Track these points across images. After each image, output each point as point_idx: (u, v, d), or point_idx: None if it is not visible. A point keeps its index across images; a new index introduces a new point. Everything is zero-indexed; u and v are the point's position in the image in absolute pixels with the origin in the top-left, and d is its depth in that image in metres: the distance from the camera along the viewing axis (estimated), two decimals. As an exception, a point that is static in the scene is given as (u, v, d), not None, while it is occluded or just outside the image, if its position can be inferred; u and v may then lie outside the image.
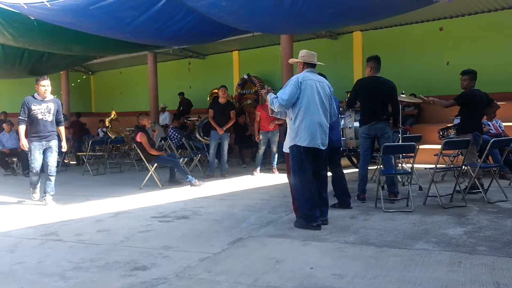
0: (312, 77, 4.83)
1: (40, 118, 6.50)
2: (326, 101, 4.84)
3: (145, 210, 5.98)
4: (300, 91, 4.70)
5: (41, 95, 6.56)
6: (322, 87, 4.84)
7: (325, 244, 4.12)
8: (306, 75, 4.83)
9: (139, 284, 3.26)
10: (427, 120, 11.18)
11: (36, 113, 6.48)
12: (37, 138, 6.49)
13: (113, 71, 19.16)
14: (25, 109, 6.49)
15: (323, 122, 4.77)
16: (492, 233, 4.30)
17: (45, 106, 6.56)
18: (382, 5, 6.96)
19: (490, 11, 10.96)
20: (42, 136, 6.52)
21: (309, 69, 4.93)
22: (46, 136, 6.54)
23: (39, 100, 6.57)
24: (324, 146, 4.79)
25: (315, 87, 4.77)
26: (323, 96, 4.81)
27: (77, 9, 6.95)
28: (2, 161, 10.73)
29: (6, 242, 4.56)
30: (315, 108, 4.73)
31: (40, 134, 6.50)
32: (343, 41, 13.39)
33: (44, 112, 6.55)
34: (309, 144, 4.68)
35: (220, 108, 9.01)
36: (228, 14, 7.47)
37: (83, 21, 7.65)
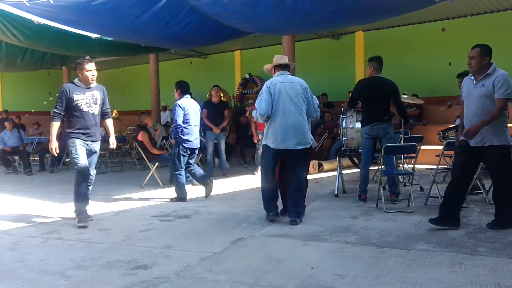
0: (281, 80, 4.95)
1: (85, 110, 5.20)
2: (299, 100, 4.91)
3: (146, 209, 5.98)
4: (271, 95, 4.87)
5: (86, 83, 5.24)
6: (292, 87, 4.92)
7: (326, 244, 4.12)
8: (274, 79, 5.00)
9: (140, 283, 3.27)
10: (429, 120, 11.17)
11: (80, 104, 5.17)
12: (81, 136, 5.18)
13: (115, 70, 19.15)
14: (63, 100, 5.12)
15: (297, 122, 4.85)
16: (493, 234, 4.29)
17: (90, 95, 5.25)
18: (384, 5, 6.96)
19: (492, 12, 10.94)
20: (88, 134, 5.22)
21: (280, 72, 5.06)
22: (92, 134, 5.27)
23: (83, 88, 5.22)
24: (301, 145, 4.87)
25: (284, 89, 4.88)
26: (293, 96, 4.88)
27: (80, 5, 6.96)
28: (3, 159, 10.75)
29: (7, 240, 4.56)
30: (285, 110, 4.84)
31: (86, 131, 5.21)
32: (345, 42, 13.38)
33: (90, 103, 5.24)
34: (277, 146, 4.88)
35: (213, 108, 9.05)
36: (229, 13, 7.47)
37: (86, 18, 7.65)
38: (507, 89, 4.27)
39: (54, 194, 7.37)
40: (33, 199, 6.98)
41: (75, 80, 5.27)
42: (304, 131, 4.89)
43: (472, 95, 4.46)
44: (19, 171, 10.73)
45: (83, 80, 5.23)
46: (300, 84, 4.98)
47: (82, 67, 5.19)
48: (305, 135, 4.91)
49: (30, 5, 6.93)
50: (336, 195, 6.40)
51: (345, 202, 6.00)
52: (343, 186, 6.74)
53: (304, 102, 4.95)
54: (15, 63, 11.72)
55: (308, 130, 5.02)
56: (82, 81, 5.24)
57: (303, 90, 4.96)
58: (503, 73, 4.36)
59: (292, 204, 4.97)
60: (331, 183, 7.45)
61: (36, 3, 6.84)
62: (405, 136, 6.87)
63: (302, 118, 4.90)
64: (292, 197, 4.98)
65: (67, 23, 8.09)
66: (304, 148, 4.92)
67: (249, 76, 14.14)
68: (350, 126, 6.44)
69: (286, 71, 5.08)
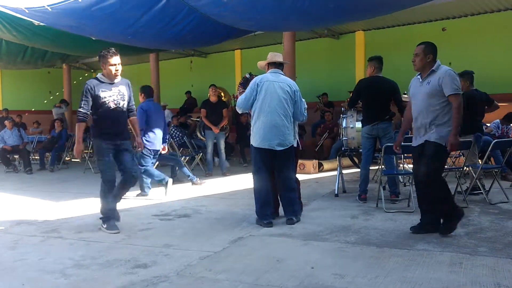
0: (272, 78, 4.92)
1: (113, 108, 4.72)
2: (287, 101, 4.89)
3: (146, 208, 5.98)
4: (257, 93, 4.86)
5: (110, 77, 4.73)
6: (281, 87, 4.90)
7: (326, 244, 4.12)
8: (265, 76, 4.98)
9: (140, 282, 3.27)
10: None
11: (107, 101, 4.67)
12: (109, 137, 4.72)
13: (115, 69, 19.16)
14: (89, 98, 4.63)
15: (280, 123, 4.84)
16: (493, 234, 4.30)
17: (117, 91, 4.76)
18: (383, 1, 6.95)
19: (493, 12, 10.93)
20: (116, 133, 4.77)
21: (273, 70, 5.04)
22: (120, 133, 4.82)
23: (108, 84, 4.73)
24: (281, 146, 4.85)
25: (272, 88, 4.86)
26: (281, 97, 4.86)
27: (79, 11, 6.93)
28: (3, 158, 10.75)
29: (7, 239, 4.56)
30: (270, 109, 4.83)
31: (114, 130, 4.75)
32: (345, 41, 13.37)
33: (118, 100, 4.75)
34: (259, 145, 4.88)
35: (211, 107, 9.05)
36: (229, 13, 7.46)
37: (85, 23, 7.64)
38: (456, 84, 4.16)
39: (54, 193, 7.37)
40: (33, 198, 6.98)
41: (98, 76, 4.77)
42: (285, 132, 4.87)
43: (418, 94, 4.35)
44: (19, 170, 10.73)
45: (106, 75, 4.73)
46: (289, 86, 4.94)
47: (105, 61, 4.67)
48: (286, 137, 4.88)
49: (28, 12, 6.93)
50: (336, 195, 6.40)
51: (345, 202, 6.00)
52: (343, 185, 6.74)
53: (291, 104, 4.93)
54: (16, 61, 11.75)
55: (291, 132, 4.97)
56: (106, 76, 4.74)
57: (291, 92, 4.93)
58: (447, 69, 4.24)
59: (287, 203, 4.96)
60: (331, 182, 7.45)
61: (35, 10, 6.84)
62: (405, 136, 6.86)
63: (286, 120, 4.88)
64: (285, 197, 4.97)
65: (67, 28, 8.09)
66: (286, 149, 4.91)
67: (249, 75, 14.02)
68: (350, 125, 6.44)
69: (280, 70, 5.06)
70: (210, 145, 9.03)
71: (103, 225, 4.76)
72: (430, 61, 4.31)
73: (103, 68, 4.72)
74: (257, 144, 4.89)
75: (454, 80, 4.17)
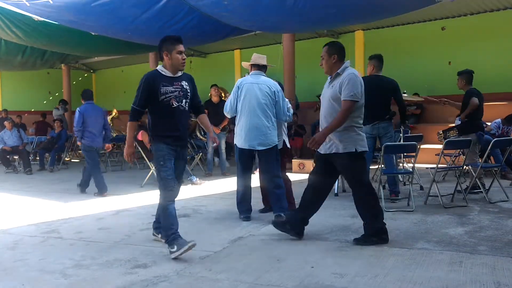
0: (252, 80, 5.04)
1: (175, 106, 3.92)
2: (267, 102, 4.97)
3: (146, 208, 5.98)
4: (238, 95, 5.00)
5: (175, 69, 3.95)
6: (261, 89, 4.99)
7: (326, 243, 4.12)
8: (245, 78, 5.12)
9: (140, 282, 3.27)
10: (429, 120, 11.17)
11: (169, 98, 3.89)
12: (170, 140, 3.94)
13: (115, 69, 19.15)
14: (145, 93, 3.90)
15: (260, 124, 4.93)
16: (493, 233, 4.30)
17: (179, 87, 3.95)
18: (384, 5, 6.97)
19: (492, 11, 10.93)
20: (177, 137, 3.98)
21: (254, 72, 5.15)
22: (182, 138, 4.05)
23: (170, 78, 3.94)
24: (262, 146, 4.97)
25: (252, 89, 4.96)
26: (261, 98, 4.95)
27: (79, 6, 6.97)
28: (3, 158, 10.75)
29: (7, 239, 4.57)
30: (250, 110, 4.94)
31: (175, 133, 3.97)
32: (345, 40, 13.35)
33: (180, 97, 3.95)
34: (241, 145, 5.03)
35: (213, 108, 9.04)
36: (230, 14, 7.48)
37: (85, 19, 7.66)
38: (352, 90, 3.90)
39: (54, 193, 7.37)
40: (33, 198, 6.98)
41: (158, 68, 4.00)
42: (266, 132, 4.95)
43: (324, 97, 4.19)
44: (19, 170, 10.72)
45: (171, 66, 3.93)
46: (269, 87, 5.03)
47: (170, 48, 3.91)
48: (267, 136, 4.97)
49: (30, 5, 6.94)
50: (336, 194, 6.40)
51: (345, 201, 5.99)
52: (343, 185, 6.73)
53: (272, 105, 5.02)
54: (15, 61, 11.74)
55: (273, 131, 5.02)
56: (170, 67, 3.94)
57: (271, 93, 5.02)
58: (350, 73, 4.00)
59: (274, 200, 5.05)
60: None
61: (36, 3, 6.85)
62: (405, 135, 6.87)
63: (266, 120, 4.96)
64: (272, 194, 5.07)
65: (67, 22, 8.11)
66: (269, 149, 4.99)
67: (248, 75, 14.13)
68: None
69: (262, 72, 5.16)
70: (211, 145, 9.03)
71: (172, 249, 3.76)
72: (336, 62, 4.14)
73: (166, 57, 3.92)
74: (239, 145, 5.06)
75: (354, 85, 3.93)
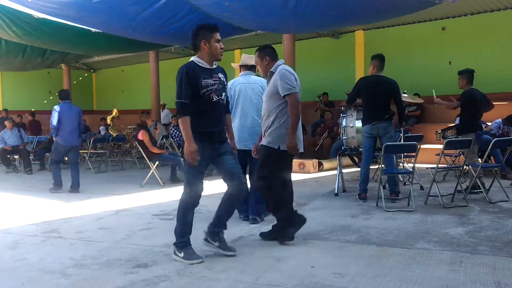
0: (242, 81, 5.03)
1: (215, 100, 3.68)
2: (259, 101, 4.95)
3: (146, 208, 5.99)
4: (230, 96, 4.95)
5: (212, 60, 3.73)
6: (252, 88, 4.99)
7: (326, 243, 4.12)
8: (236, 80, 5.11)
9: (140, 282, 3.27)
10: (429, 120, 11.17)
11: (210, 91, 3.64)
12: (208, 137, 3.68)
13: (115, 69, 19.16)
14: (188, 86, 3.56)
15: (254, 123, 4.92)
16: (493, 233, 4.30)
17: (218, 79, 3.72)
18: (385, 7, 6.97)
19: (493, 11, 10.94)
20: (216, 134, 3.73)
21: (244, 72, 5.12)
22: (220, 132, 3.81)
23: (208, 70, 3.70)
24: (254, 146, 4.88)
25: (244, 90, 4.97)
26: (253, 98, 4.95)
27: (80, 2, 6.98)
28: (4, 158, 10.75)
29: (7, 239, 4.57)
30: (243, 111, 4.94)
31: (214, 129, 3.71)
32: (345, 40, 13.37)
33: (220, 90, 3.72)
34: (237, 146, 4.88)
35: None
36: (231, 14, 7.49)
37: (87, 15, 7.68)
38: (288, 84, 3.98)
39: (54, 193, 7.37)
40: (33, 197, 6.98)
41: (194, 59, 3.70)
42: (259, 131, 4.79)
43: (265, 96, 4.28)
44: (20, 170, 10.73)
45: (209, 55, 3.67)
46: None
47: (209, 36, 3.64)
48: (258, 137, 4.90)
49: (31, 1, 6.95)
50: (336, 194, 6.40)
51: (345, 201, 6.00)
52: (343, 185, 6.74)
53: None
54: (15, 60, 11.72)
55: None
56: (207, 57, 3.68)
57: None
58: (280, 69, 4.08)
59: (252, 202, 4.97)
60: (331, 182, 7.45)
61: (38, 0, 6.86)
62: (405, 135, 6.88)
63: (260, 119, 4.86)
64: (252, 196, 4.91)
65: (68, 19, 8.12)
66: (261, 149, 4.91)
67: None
68: (350, 125, 6.43)
69: (252, 72, 5.14)
70: None
71: (179, 254, 3.69)
72: (268, 63, 4.21)
73: (204, 45, 3.64)
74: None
75: (285, 79, 3.99)
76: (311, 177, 8.39)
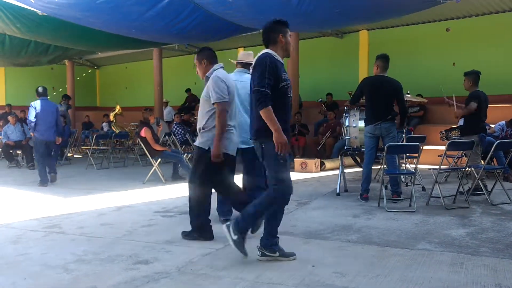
0: (235, 78, 4.99)
1: (289, 96, 3.62)
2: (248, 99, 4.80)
3: (148, 204, 6.00)
4: None
5: (287, 51, 3.66)
6: (244, 87, 4.92)
7: (327, 242, 4.13)
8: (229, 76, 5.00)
9: (141, 278, 3.28)
10: (432, 121, 11.15)
11: (287, 86, 3.56)
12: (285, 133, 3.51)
13: (119, 65, 19.19)
14: (271, 76, 3.42)
15: (243, 121, 4.86)
16: (495, 235, 4.29)
17: (287, 75, 3.64)
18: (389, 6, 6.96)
19: (498, 13, 10.92)
20: (287, 131, 3.60)
21: (238, 70, 5.15)
22: (288, 131, 3.71)
23: (282, 64, 3.60)
24: (245, 144, 4.79)
25: (235, 88, 4.86)
26: (243, 95, 4.91)
27: (83, 3, 6.99)
28: (6, 153, 10.79)
29: (9, 233, 4.58)
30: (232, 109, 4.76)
31: (287, 126, 3.63)
32: (349, 40, 13.36)
33: (291, 86, 3.66)
34: None
35: None
36: (234, 12, 7.49)
37: (89, 15, 7.69)
38: (217, 93, 4.04)
39: (56, 188, 7.39)
40: (36, 193, 7.00)
41: (270, 52, 3.56)
42: (247, 129, 4.73)
43: (201, 99, 4.31)
44: (22, 165, 10.76)
45: (284, 50, 3.61)
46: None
47: (285, 30, 3.61)
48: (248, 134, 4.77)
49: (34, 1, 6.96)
50: (338, 194, 6.40)
51: (346, 201, 6.00)
52: (345, 185, 6.74)
53: None
54: (19, 56, 11.74)
55: None
56: (282, 51, 3.61)
57: None
58: (213, 75, 4.15)
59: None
60: (333, 181, 7.45)
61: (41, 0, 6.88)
62: (408, 136, 6.86)
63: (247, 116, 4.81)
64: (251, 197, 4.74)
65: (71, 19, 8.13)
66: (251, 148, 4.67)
67: (252, 73, 14.09)
68: (353, 125, 6.43)
69: (246, 69, 5.13)
70: None
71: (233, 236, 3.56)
72: (206, 66, 4.29)
73: (282, 39, 3.58)
74: None
75: (215, 87, 4.05)
76: (313, 177, 8.39)
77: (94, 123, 15.91)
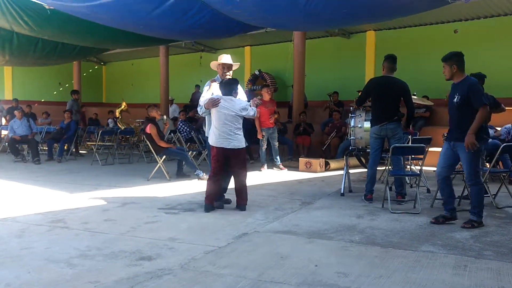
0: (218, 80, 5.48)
1: None
2: None
3: (152, 201, 6.01)
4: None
5: None
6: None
7: (331, 242, 4.12)
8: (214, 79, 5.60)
9: (144, 274, 3.29)
10: (437, 123, 11.09)
11: None
12: None
13: (125, 62, 19.24)
14: None
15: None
16: (499, 238, 4.27)
17: None
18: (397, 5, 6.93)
19: (506, 15, 10.85)
20: None
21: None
22: None
23: None
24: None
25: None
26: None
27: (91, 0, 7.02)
28: (12, 147, 10.83)
29: (14, 227, 4.61)
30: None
31: None
32: (356, 40, 13.33)
33: None
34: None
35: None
36: (242, 11, 7.48)
37: (97, 11, 7.71)
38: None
39: (61, 184, 7.42)
40: (41, 187, 7.03)
41: None
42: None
43: None
44: (28, 159, 10.80)
45: None
46: None
47: None
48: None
49: None
50: (342, 194, 6.39)
51: (351, 201, 5.99)
52: (350, 185, 6.73)
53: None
54: (27, 55, 11.76)
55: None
56: None
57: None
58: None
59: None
60: (337, 182, 7.44)
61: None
62: (413, 138, 6.83)
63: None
64: None
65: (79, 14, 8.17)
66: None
67: (258, 72, 14.10)
68: (359, 125, 6.41)
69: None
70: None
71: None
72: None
73: None
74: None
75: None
76: (317, 176, 8.38)
77: (100, 119, 15.99)
